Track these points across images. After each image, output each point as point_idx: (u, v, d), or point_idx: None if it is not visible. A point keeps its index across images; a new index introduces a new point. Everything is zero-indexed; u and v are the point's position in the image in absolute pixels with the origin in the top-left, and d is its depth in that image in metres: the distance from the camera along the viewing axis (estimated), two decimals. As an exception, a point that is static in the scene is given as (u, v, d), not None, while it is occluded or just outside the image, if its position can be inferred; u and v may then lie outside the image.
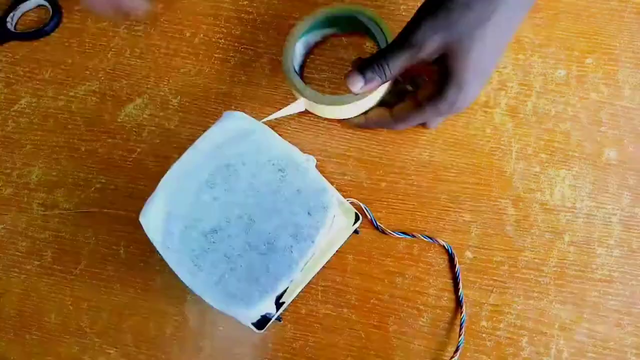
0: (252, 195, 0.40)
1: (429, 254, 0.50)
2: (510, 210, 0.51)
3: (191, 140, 0.52)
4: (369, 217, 0.50)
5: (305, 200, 0.40)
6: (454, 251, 0.50)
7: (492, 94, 0.52)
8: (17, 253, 0.52)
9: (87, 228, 0.52)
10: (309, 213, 0.40)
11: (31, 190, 0.53)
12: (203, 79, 0.54)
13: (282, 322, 0.50)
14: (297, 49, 0.50)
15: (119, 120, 0.53)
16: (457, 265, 0.50)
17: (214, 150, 0.42)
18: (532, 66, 0.52)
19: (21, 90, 0.54)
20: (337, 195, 0.45)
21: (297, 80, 0.48)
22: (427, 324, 0.49)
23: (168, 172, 0.42)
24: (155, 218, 0.41)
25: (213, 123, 0.53)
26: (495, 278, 0.50)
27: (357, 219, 0.47)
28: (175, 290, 0.51)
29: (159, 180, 0.52)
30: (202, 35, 0.55)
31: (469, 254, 0.50)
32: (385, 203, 0.51)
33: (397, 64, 0.43)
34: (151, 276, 0.51)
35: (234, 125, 0.43)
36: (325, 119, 0.52)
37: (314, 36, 0.52)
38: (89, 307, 0.51)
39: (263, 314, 0.42)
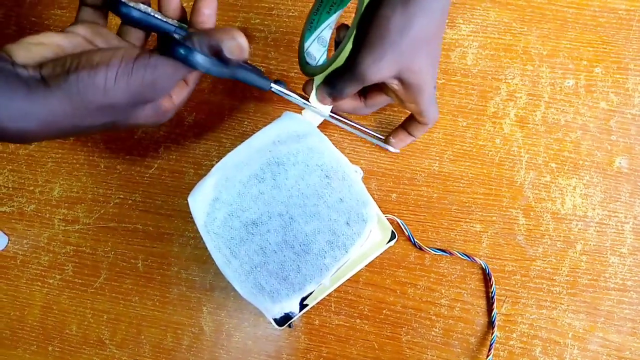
0: (296, 195, 0.42)
1: (441, 265, 0.51)
2: (522, 220, 0.51)
3: (207, 156, 0.54)
4: (406, 233, 0.51)
5: (347, 209, 0.41)
6: (490, 271, 0.50)
7: (501, 105, 0.52)
8: (39, 267, 0.54)
9: (106, 242, 0.54)
10: (347, 223, 0.41)
11: (53, 207, 0.55)
12: (217, 96, 0.55)
13: (292, 327, 0.51)
14: (323, 28, 0.48)
15: (136, 137, 0.55)
16: (494, 285, 0.50)
17: (269, 145, 0.43)
18: (541, 76, 0.53)
19: (43, 110, 0.56)
20: (378, 210, 0.45)
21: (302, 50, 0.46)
22: (440, 335, 0.50)
23: (222, 159, 0.43)
24: (202, 201, 0.42)
25: (227, 138, 0.54)
26: (507, 288, 0.50)
27: (392, 237, 0.47)
28: (192, 302, 0.52)
29: (175, 195, 0.54)
30: (215, 53, 0.56)
31: (480, 264, 0.50)
32: (396, 214, 0.51)
33: (346, 92, 0.42)
34: (168, 289, 0.52)
35: (292, 125, 0.44)
36: (333, 128, 0.53)
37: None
38: (109, 319, 0.53)
39: (286, 311, 0.43)
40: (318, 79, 0.44)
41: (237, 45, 0.35)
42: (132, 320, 0.52)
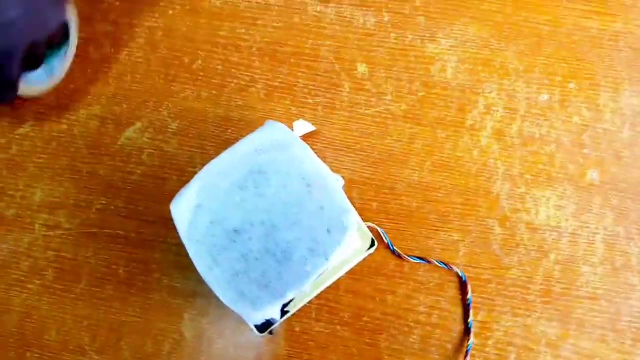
0: (278, 203, 0.42)
1: (419, 272, 0.52)
2: (497, 229, 0.52)
3: (190, 163, 0.54)
4: (385, 241, 0.52)
5: (327, 217, 0.42)
6: (467, 279, 0.51)
7: (478, 118, 0.54)
8: (18, 272, 0.53)
9: (87, 248, 0.54)
10: (328, 230, 0.42)
11: (33, 211, 0.54)
12: (201, 104, 0.56)
13: (273, 334, 0.51)
14: None
15: (119, 143, 0.55)
16: (470, 293, 0.51)
17: (251, 154, 0.43)
18: (517, 91, 0.55)
19: (25, 115, 0.56)
20: (358, 218, 0.46)
21: None
22: (418, 341, 0.51)
23: (205, 167, 0.44)
24: (184, 208, 0.42)
25: (211, 146, 0.55)
26: (483, 296, 0.51)
27: (372, 244, 0.48)
28: (173, 308, 0.52)
29: (158, 202, 0.54)
30: (200, 61, 0.57)
31: (457, 272, 0.52)
32: (376, 222, 0.52)
33: None
34: (149, 295, 0.53)
35: (274, 134, 0.44)
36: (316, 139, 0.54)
37: None
38: (89, 325, 0.52)
39: (267, 318, 0.44)
40: None
41: None
42: (112, 326, 0.52)
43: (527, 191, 0.53)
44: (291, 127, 0.52)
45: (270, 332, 0.49)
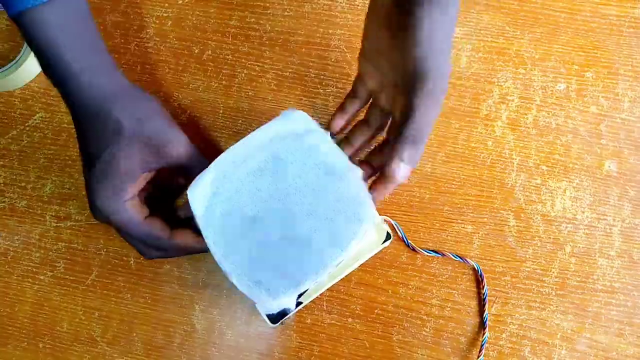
0: (294, 193, 0.42)
1: (432, 265, 0.51)
2: (512, 221, 0.51)
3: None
4: (399, 234, 0.51)
5: (344, 208, 0.41)
6: (482, 272, 0.50)
7: (493, 108, 0.53)
8: (30, 264, 0.54)
9: (98, 239, 0.53)
10: (344, 222, 0.41)
11: (44, 203, 0.54)
12: (211, 94, 0.55)
13: (284, 324, 0.51)
14: None
15: (130, 134, 0.55)
16: (486, 286, 0.50)
17: (269, 142, 0.43)
18: (533, 80, 0.53)
19: (35, 106, 0.56)
20: (374, 211, 0.46)
21: None
22: (431, 334, 0.50)
23: (222, 154, 0.43)
24: (201, 194, 0.42)
25: (221, 137, 0.54)
26: (497, 289, 0.51)
27: (387, 237, 0.48)
28: (184, 300, 0.52)
29: (168, 193, 0.53)
30: (210, 51, 0.56)
31: (472, 265, 0.51)
32: (389, 215, 0.52)
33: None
34: (160, 286, 0.52)
35: (293, 123, 0.44)
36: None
37: None
38: (100, 316, 0.52)
39: (282, 307, 0.43)
40: None
41: None
42: (123, 317, 0.52)
43: (542, 182, 0.52)
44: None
45: (282, 323, 0.49)
